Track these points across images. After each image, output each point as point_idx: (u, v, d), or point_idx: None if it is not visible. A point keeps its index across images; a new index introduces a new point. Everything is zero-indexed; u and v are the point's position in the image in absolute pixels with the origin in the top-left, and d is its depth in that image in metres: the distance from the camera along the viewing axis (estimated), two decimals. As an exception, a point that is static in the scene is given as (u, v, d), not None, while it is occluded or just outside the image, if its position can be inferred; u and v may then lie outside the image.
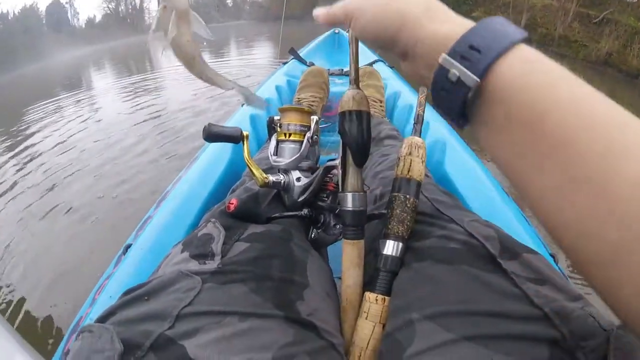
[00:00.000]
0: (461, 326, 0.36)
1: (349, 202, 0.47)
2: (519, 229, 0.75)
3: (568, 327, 0.33)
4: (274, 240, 0.49)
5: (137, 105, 4.76)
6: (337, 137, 0.49)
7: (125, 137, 3.43)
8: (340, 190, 0.48)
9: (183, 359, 0.33)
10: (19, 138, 4.22)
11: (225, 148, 0.97)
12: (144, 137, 3.34)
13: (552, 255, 0.72)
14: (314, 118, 0.58)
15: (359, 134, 0.45)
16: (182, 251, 0.47)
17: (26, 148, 3.80)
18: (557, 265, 0.69)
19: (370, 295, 0.46)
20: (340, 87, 1.48)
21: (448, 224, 0.48)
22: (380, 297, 0.45)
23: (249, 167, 0.50)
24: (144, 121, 3.89)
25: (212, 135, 0.52)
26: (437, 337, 0.37)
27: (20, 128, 4.69)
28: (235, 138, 0.53)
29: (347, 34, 0.56)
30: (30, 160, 3.39)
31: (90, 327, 0.35)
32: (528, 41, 0.26)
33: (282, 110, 0.58)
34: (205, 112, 3.89)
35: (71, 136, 3.85)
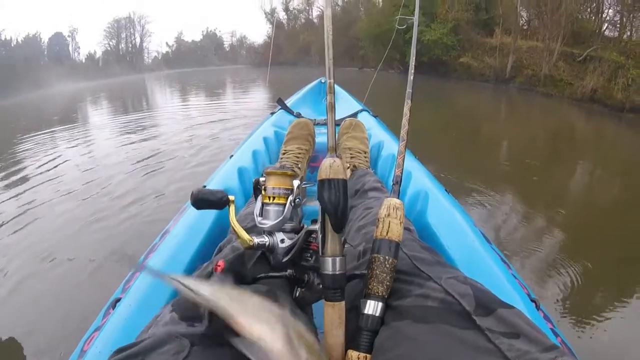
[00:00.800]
0: None
1: (329, 266, 0.50)
2: (500, 276, 0.77)
3: None
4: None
5: (131, 143, 4.76)
6: None
7: (113, 182, 3.39)
8: (320, 254, 0.51)
9: None
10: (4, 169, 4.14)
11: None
12: (134, 184, 3.31)
13: (534, 301, 0.74)
14: (296, 182, 0.62)
15: (337, 202, 0.48)
16: (171, 311, 0.48)
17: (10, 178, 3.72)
18: (538, 310, 0.72)
19: (352, 354, 0.48)
20: (326, 137, 1.53)
21: (426, 282, 0.51)
22: (362, 355, 0.47)
23: (235, 231, 0.53)
24: (137, 162, 3.86)
25: (199, 201, 0.55)
26: None
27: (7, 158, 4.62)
28: (220, 204, 0.56)
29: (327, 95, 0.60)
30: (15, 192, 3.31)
31: None
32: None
33: (267, 174, 0.61)
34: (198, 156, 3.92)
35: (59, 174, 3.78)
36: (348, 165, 1.20)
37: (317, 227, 0.51)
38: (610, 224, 2.51)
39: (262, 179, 0.63)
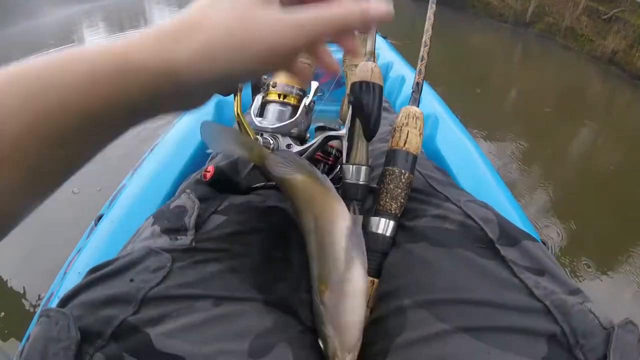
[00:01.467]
0: (456, 316, 0.33)
1: (353, 174, 0.43)
2: (511, 213, 0.71)
3: (568, 323, 0.31)
4: (253, 213, 0.44)
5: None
6: (324, 107, 0.45)
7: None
8: (344, 162, 0.44)
9: (147, 350, 0.29)
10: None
11: (207, 111, 0.91)
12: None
13: (544, 242, 0.69)
14: (315, 84, 0.54)
15: (375, 107, 0.43)
16: (153, 224, 0.42)
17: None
18: None
19: None
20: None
21: (443, 203, 0.45)
22: (369, 278, 0.41)
23: (240, 124, 0.44)
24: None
25: None
26: (429, 327, 0.33)
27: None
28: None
29: None
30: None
31: (48, 312, 0.31)
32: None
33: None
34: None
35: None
36: None
37: (341, 132, 0.44)
38: (603, 191, 2.45)
39: (264, 77, 0.54)
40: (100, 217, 0.72)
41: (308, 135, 0.53)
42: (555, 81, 5.30)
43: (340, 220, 0.37)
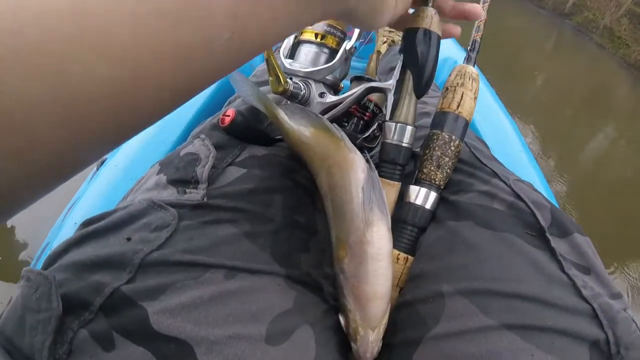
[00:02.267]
0: (501, 310, 0.28)
1: (397, 134, 0.37)
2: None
3: (613, 331, 0.28)
4: (277, 168, 0.38)
5: None
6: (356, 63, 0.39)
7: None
8: (387, 118, 0.38)
9: (142, 331, 0.24)
10: None
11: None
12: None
13: None
14: (357, 29, 0.46)
15: (432, 59, 0.36)
16: (159, 173, 0.36)
17: None
18: None
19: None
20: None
21: (491, 179, 0.39)
22: (402, 255, 0.36)
23: (270, 64, 0.38)
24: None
25: None
26: (471, 319, 0.28)
27: None
28: None
29: None
30: None
31: (30, 273, 0.26)
32: None
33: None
34: None
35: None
36: (385, 39, 1.01)
37: (387, 83, 0.37)
38: (613, 199, 2.37)
39: (341, 84, 0.48)
40: (103, 161, 0.67)
41: (342, 85, 0.46)
42: (583, 78, 5.11)
43: (355, 172, 0.32)
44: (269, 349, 0.26)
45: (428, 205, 0.37)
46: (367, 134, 0.42)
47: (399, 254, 0.36)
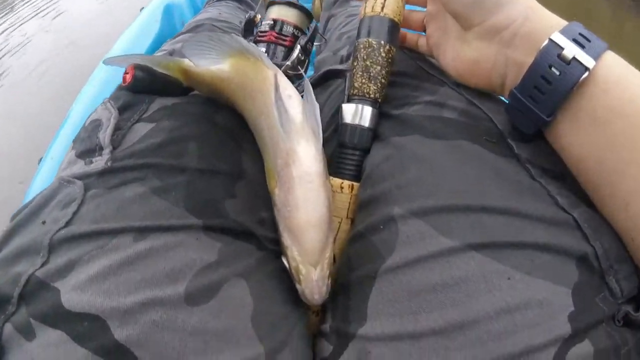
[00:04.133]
0: (465, 228, 0.25)
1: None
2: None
3: (601, 242, 0.24)
4: (191, 115, 0.34)
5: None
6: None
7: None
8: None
9: (55, 312, 0.23)
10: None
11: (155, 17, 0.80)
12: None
13: None
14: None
15: None
16: (72, 149, 0.33)
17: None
18: None
19: (333, 182, 0.32)
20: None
21: (439, 88, 0.34)
22: (346, 183, 0.32)
23: None
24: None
25: None
26: (430, 243, 0.25)
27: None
28: None
29: None
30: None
31: None
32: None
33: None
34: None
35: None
36: None
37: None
38: None
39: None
40: (41, 159, 0.64)
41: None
42: (562, 3, 4.96)
43: (270, 86, 0.29)
44: (192, 310, 0.24)
45: (365, 123, 0.33)
46: (291, 60, 0.38)
47: (342, 182, 0.32)
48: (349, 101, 0.34)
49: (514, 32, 0.28)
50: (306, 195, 0.27)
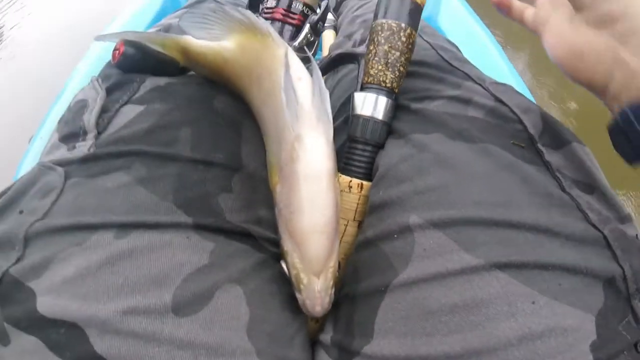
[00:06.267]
0: (490, 245, 0.22)
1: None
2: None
3: (630, 263, 0.22)
4: (185, 98, 0.31)
5: None
6: None
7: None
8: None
9: (29, 317, 0.20)
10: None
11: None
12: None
13: None
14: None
15: None
16: (56, 131, 0.31)
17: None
18: None
19: (343, 180, 0.29)
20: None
21: (464, 82, 0.31)
22: (355, 181, 0.29)
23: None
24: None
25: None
26: (450, 258, 0.22)
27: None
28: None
29: None
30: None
31: None
32: None
33: None
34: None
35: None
36: None
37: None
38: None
39: None
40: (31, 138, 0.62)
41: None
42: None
43: (279, 65, 0.25)
44: (180, 321, 0.21)
45: (379, 115, 0.29)
46: (299, 40, 0.34)
47: (350, 181, 0.29)
48: (362, 90, 0.30)
49: (634, 28, 0.22)
50: (312, 197, 0.24)
